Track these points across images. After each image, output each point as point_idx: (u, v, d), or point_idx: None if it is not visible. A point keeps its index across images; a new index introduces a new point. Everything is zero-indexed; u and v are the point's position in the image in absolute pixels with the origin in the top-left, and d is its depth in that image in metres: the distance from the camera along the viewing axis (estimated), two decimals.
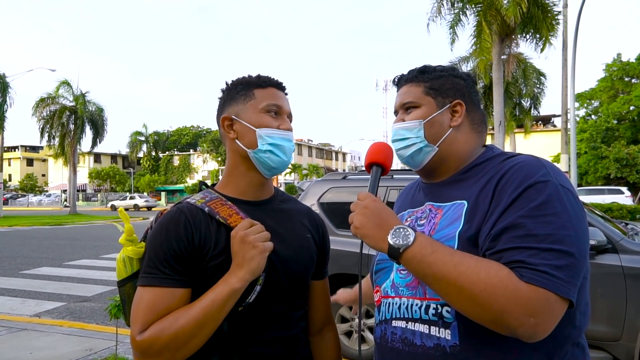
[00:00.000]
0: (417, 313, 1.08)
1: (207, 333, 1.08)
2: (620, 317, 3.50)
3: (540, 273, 0.89)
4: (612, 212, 11.61)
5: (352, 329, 4.32)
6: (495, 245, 0.96)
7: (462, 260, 0.94)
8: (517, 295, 0.88)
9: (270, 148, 1.21)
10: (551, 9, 15.61)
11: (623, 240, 3.67)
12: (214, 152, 60.56)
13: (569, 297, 0.90)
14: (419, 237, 0.99)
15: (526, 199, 0.96)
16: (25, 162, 76.53)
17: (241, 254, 1.09)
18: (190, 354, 1.08)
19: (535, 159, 1.05)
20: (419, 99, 1.20)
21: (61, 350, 4.40)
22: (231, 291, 1.07)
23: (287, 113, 1.28)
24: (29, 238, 15.96)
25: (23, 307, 6.43)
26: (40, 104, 30.66)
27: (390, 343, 1.13)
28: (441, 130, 1.18)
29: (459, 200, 1.09)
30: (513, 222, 0.95)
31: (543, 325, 0.89)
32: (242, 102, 1.25)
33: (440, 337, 1.03)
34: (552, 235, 0.92)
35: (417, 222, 1.18)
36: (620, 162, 26.90)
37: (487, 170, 1.09)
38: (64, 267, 9.70)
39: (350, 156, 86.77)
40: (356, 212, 1.07)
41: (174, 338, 1.05)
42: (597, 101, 36.31)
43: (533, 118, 26.85)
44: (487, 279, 0.90)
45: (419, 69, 1.24)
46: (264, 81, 1.26)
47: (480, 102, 1.27)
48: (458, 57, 21.18)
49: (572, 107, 15.23)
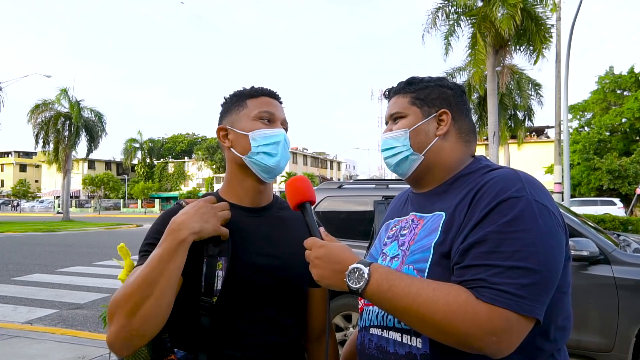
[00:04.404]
0: (390, 321, 1.10)
1: (162, 293, 1.03)
2: (612, 328, 3.53)
3: (501, 293, 0.90)
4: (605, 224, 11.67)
5: (346, 338, 4.32)
6: (462, 260, 0.97)
7: (420, 291, 0.95)
8: (476, 318, 0.90)
9: (264, 149, 1.25)
10: (544, 22, 15.79)
11: (615, 251, 3.71)
12: (208, 160, 60.47)
13: (533, 315, 0.91)
14: (374, 274, 0.99)
15: (498, 214, 0.97)
16: (18, 168, 76.06)
17: (201, 212, 1.13)
18: (148, 322, 1.02)
19: (514, 173, 1.05)
20: (405, 109, 1.22)
21: (54, 358, 4.37)
22: (179, 242, 1.07)
23: (280, 120, 1.31)
24: (21, 244, 15.82)
25: (15, 314, 6.37)
26: (36, 110, 30.57)
27: (367, 350, 1.15)
28: (427, 139, 1.19)
29: (439, 211, 1.11)
30: (482, 238, 0.96)
31: (507, 342, 0.91)
32: (236, 113, 1.30)
33: (412, 346, 1.05)
34: (518, 252, 0.92)
35: (401, 232, 1.20)
36: (613, 173, 27.07)
37: (469, 183, 1.10)
38: (57, 274, 9.63)
39: (345, 165, 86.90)
40: (310, 265, 1.08)
41: (127, 297, 1.02)
42: (589, 113, 36.61)
43: (527, 129, 27.07)
44: (446, 306, 0.92)
45: (406, 80, 1.27)
46: (256, 91, 1.32)
47: (470, 112, 1.28)
48: (453, 68, 21.38)
49: (566, 118, 15.36)
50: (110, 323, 1.03)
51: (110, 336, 1.04)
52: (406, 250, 1.12)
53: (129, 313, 1.01)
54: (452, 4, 16.21)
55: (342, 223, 4.77)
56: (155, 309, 1.03)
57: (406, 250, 1.12)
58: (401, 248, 1.15)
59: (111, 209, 57.85)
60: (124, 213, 52.32)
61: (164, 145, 73.76)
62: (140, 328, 1.02)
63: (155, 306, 1.03)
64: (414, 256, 1.08)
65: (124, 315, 1.01)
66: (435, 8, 16.36)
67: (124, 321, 1.01)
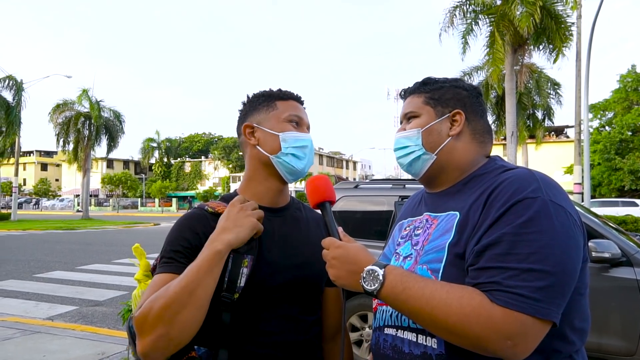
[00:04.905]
0: (405, 321, 1.10)
1: (200, 303, 1.06)
2: (635, 332, 3.46)
3: (515, 296, 0.89)
4: (626, 225, 11.45)
5: (362, 338, 4.31)
6: (477, 262, 0.96)
7: (434, 294, 0.94)
8: (491, 321, 0.89)
9: (293, 151, 1.27)
10: (564, 20, 15.55)
11: (638, 253, 3.64)
12: (225, 159, 60.94)
13: (549, 318, 0.90)
14: (388, 276, 1.00)
15: (513, 215, 0.96)
16: (39, 167, 77.61)
17: (233, 219, 1.14)
18: (187, 330, 1.05)
19: (529, 173, 1.04)
20: (419, 109, 1.22)
21: (74, 354, 4.45)
22: (215, 253, 1.09)
23: (306, 125, 1.35)
24: (42, 242, 16.15)
25: (36, 310, 6.51)
26: (57, 109, 31.17)
27: (382, 350, 1.15)
28: (439, 139, 1.19)
29: (453, 211, 1.10)
30: (497, 239, 0.95)
31: (522, 346, 0.90)
32: (265, 112, 1.31)
33: (427, 346, 1.04)
34: (534, 254, 0.91)
35: (414, 232, 1.19)
36: (635, 174, 26.57)
37: (484, 183, 1.09)
38: (77, 272, 9.80)
39: (361, 165, 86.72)
40: (327, 265, 1.09)
41: (165, 307, 1.03)
42: (611, 112, 35.91)
43: (546, 129, 26.68)
44: (460, 309, 0.91)
45: (421, 80, 1.27)
46: (285, 94, 1.34)
47: (486, 113, 1.28)
48: (470, 67, 21.16)
49: (586, 118, 15.08)
50: (145, 333, 1.04)
51: (145, 346, 1.04)
52: (420, 250, 1.12)
53: (167, 323, 1.03)
54: (470, 2, 16.07)
55: (358, 223, 4.77)
56: (193, 318, 1.06)
57: (420, 250, 1.12)
58: (414, 248, 1.15)
59: (129, 207, 58.71)
60: (141, 212, 53.12)
61: (181, 145, 74.53)
62: (178, 336, 1.05)
63: (193, 315, 1.06)
64: (428, 256, 1.08)
65: (162, 325, 1.03)
66: (453, 7, 16.25)
67: (162, 331, 1.03)
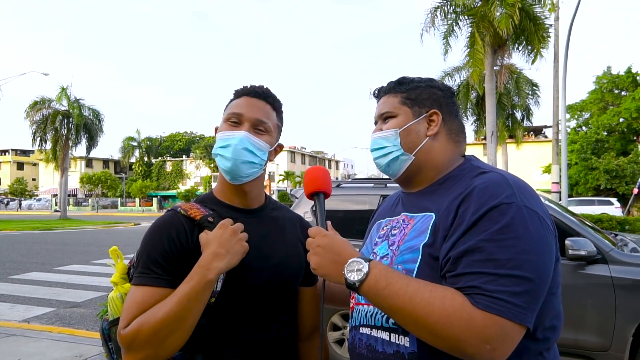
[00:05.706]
0: (379, 321, 1.11)
1: (189, 326, 1.09)
2: (609, 327, 3.54)
3: (495, 300, 0.90)
4: (602, 223, 11.69)
5: (344, 337, 4.33)
6: (455, 268, 0.97)
7: (417, 292, 0.95)
8: (471, 323, 0.90)
9: (219, 151, 1.26)
10: (542, 22, 15.81)
11: (612, 251, 3.72)
12: (206, 159, 60.40)
13: (525, 323, 0.92)
14: (373, 270, 1.00)
15: (489, 221, 0.96)
16: (15, 166, 75.84)
17: (226, 245, 1.13)
18: (174, 349, 1.10)
19: (502, 177, 1.04)
20: (396, 109, 1.22)
21: (51, 356, 4.36)
22: (207, 282, 1.10)
23: (251, 121, 1.26)
24: (18, 242, 15.78)
25: (12, 313, 6.36)
26: (33, 107, 30.46)
27: (358, 349, 1.16)
28: (417, 139, 1.19)
29: (429, 212, 1.11)
30: (474, 246, 0.95)
31: (500, 351, 0.91)
32: (223, 113, 1.32)
33: (400, 344, 1.05)
34: (512, 260, 0.92)
35: (391, 232, 1.20)
36: (610, 173, 27.11)
37: (459, 185, 1.09)
38: (54, 272, 9.60)
39: (344, 164, 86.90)
40: (310, 253, 1.10)
41: (154, 332, 1.06)
42: (587, 113, 36.65)
43: (525, 129, 27.08)
44: (442, 309, 0.92)
45: (396, 80, 1.27)
46: (239, 91, 1.31)
47: (459, 112, 1.28)
48: (451, 67, 21.36)
49: (563, 118, 15.36)
50: (133, 351, 1.08)
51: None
52: (395, 250, 1.13)
53: (156, 345, 1.07)
54: (450, 3, 16.21)
55: (340, 222, 4.76)
56: (181, 339, 1.10)
57: (395, 250, 1.13)
58: (391, 248, 1.15)
59: (109, 207, 57.72)
60: (121, 211, 52.25)
61: (162, 144, 73.65)
62: (165, 355, 1.10)
63: (182, 337, 1.10)
64: (403, 256, 1.09)
65: (150, 347, 1.07)
66: (434, 7, 16.37)
67: (150, 351, 1.08)
